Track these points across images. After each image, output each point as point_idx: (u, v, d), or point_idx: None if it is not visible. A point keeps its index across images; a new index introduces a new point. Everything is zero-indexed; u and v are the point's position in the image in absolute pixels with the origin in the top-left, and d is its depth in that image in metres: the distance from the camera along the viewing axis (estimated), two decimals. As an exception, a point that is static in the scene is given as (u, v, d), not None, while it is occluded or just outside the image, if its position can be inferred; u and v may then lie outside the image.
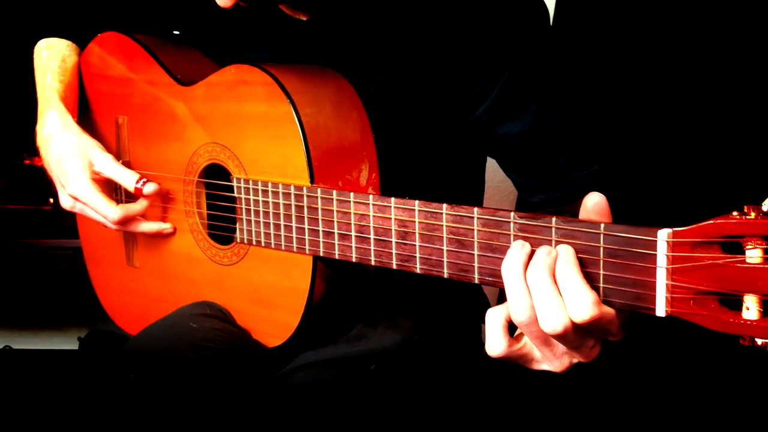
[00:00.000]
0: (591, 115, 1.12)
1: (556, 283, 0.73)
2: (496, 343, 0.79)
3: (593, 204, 0.74)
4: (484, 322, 1.23)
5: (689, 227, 0.68)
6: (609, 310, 0.73)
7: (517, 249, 0.77)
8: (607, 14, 1.52)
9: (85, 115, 1.27)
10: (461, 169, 1.22)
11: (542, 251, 0.75)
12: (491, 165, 1.24)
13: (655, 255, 0.69)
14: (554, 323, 0.73)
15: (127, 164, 1.22)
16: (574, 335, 0.74)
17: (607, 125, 1.52)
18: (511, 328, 0.80)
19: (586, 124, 1.12)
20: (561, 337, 0.74)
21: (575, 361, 0.79)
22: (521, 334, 0.81)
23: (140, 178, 1.13)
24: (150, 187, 1.13)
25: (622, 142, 1.52)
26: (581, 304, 0.71)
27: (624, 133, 1.52)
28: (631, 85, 1.52)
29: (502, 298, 0.79)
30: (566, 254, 0.74)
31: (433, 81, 1.09)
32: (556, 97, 1.09)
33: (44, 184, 1.21)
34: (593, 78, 1.53)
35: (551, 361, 0.79)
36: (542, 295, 0.73)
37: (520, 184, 1.16)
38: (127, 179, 1.13)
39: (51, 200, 1.17)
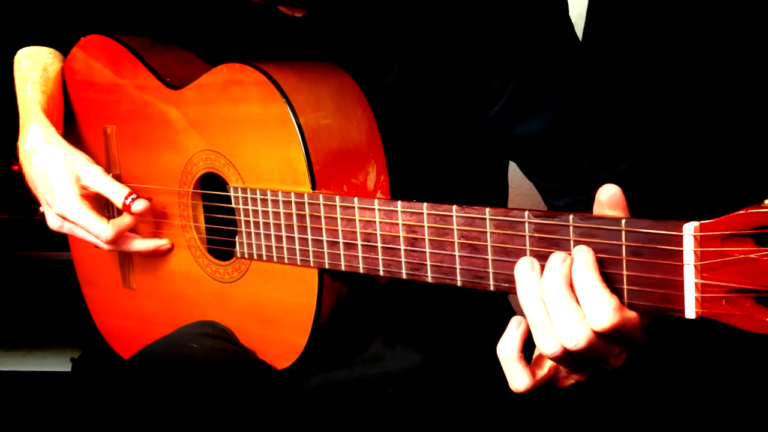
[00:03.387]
0: (617, 111, 1.14)
1: (573, 292, 0.74)
2: (519, 379, 0.80)
3: (608, 197, 0.75)
4: None
5: (717, 219, 0.69)
6: (632, 315, 0.74)
7: (528, 271, 0.78)
8: (634, 6, 1.55)
9: (71, 127, 1.30)
10: (480, 171, 1.23)
11: (556, 260, 0.76)
12: (519, 171, 1.24)
13: (682, 251, 0.70)
14: (576, 337, 0.73)
15: (118, 177, 1.24)
16: (600, 346, 0.75)
17: (633, 121, 1.54)
18: (526, 352, 0.81)
19: (612, 120, 1.12)
20: (586, 351, 0.75)
21: (601, 368, 0.80)
22: (539, 357, 0.83)
23: (129, 194, 1.15)
24: (139, 205, 1.15)
25: (644, 138, 1.53)
26: (601, 311, 0.72)
27: (647, 128, 1.54)
28: (655, 79, 1.55)
29: None
30: (585, 256, 0.74)
31: (443, 76, 1.10)
32: (577, 93, 1.10)
33: (33, 194, 1.24)
34: (617, 71, 1.55)
35: (577, 372, 0.81)
36: (559, 308, 0.74)
37: (542, 188, 1.17)
38: (116, 194, 1.16)
39: (41, 209, 1.21)
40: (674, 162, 1.54)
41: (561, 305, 0.74)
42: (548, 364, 0.82)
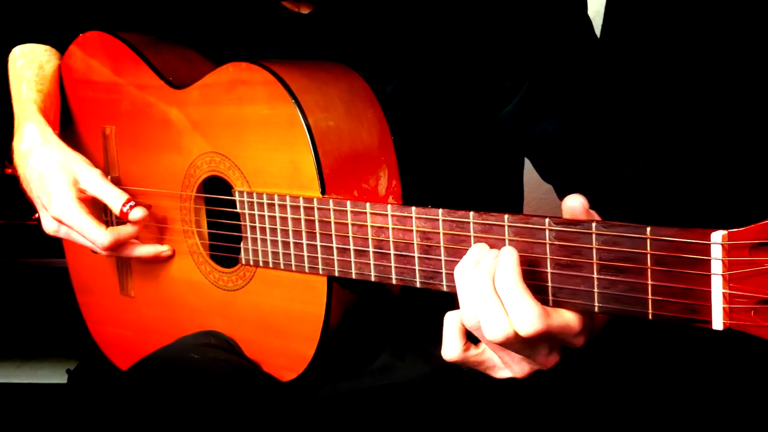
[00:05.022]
0: (632, 111, 1.15)
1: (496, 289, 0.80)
2: (450, 348, 0.88)
3: (570, 207, 0.82)
4: None
5: (746, 228, 0.70)
6: (558, 322, 0.79)
7: (474, 250, 0.84)
8: (656, 4, 1.56)
9: (68, 127, 1.32)
10: (495, 174, 1.25)
11: (490, 254, 0.82)
12: (535, 174, 1.26)
13: (709, 260, 0.71)
14: (495, 332, 0.80)
15: (117, 179, 1.26)
16: (520, 345, 0.82)
17: (649, 121, 1.55)
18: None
19: (626, 121, 1.14)
20: (505, 346, 0.82)
21: (536, 367, 0.87)
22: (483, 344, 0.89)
23: (128, 201, 1.16)
24: (137, 213, 1.16)
25: (661, 138, 1.55)
26: (524, 317, 0.78)
27: (664, 128, 1.55)
28: (674, 78, 1.56)
29: None
30: (507, 259, 0.80)
31: (456, 77, 1.11)
32: (593, 93, 1.11)
33: (28, 197, 1.25)
34: (635, 69, 1.57)
35: (511, 366, 0.88)
36: (482, 301, 0.80)
37: (555, 186, 1.19)
38: (114, 200, 1.16)
39: (36, 215, 1.22)
40: (693, 164, 1.55)
41: (484, 298, 0.80)
42: (484, 349, 0.88)
